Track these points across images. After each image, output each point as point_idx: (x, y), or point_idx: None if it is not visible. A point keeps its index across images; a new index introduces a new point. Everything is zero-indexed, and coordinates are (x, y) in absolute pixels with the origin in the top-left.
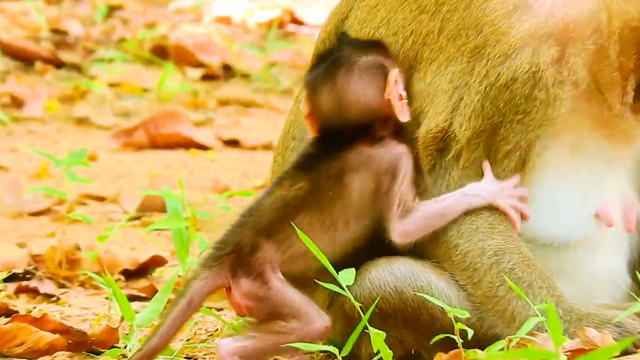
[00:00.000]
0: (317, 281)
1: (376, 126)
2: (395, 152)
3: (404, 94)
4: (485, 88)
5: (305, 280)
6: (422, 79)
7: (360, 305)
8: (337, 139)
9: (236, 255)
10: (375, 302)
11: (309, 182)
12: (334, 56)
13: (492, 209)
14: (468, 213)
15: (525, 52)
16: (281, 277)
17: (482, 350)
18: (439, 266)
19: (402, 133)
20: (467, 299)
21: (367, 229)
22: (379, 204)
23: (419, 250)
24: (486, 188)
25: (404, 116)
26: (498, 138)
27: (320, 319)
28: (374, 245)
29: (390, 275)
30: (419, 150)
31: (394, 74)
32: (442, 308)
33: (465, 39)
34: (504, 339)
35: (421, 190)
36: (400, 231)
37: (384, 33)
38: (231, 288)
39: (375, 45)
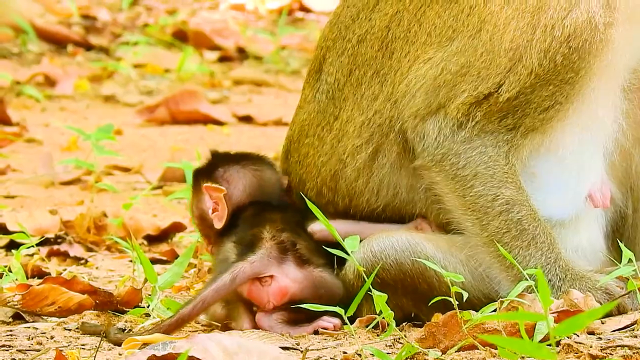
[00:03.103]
0: (325, 247)
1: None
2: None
3: None
4: (549, 45)
5: None
6: (476, 36)
7: (364, 270)
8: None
9: (280, 246)
10: (375, 272)
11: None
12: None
13: (509, 159)
14: (485, 159)
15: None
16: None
17: (477, 312)
18: (436, 239)
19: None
20: (462, 267)
21: None
22: None
23: (432, 187)
24: None
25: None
26: (545, 93)
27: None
28: None
29: (391, 248)
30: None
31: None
32: (438, 278)
33: None
34: (496, 300)
35: None
36: None
37: (418, 30)
38: (273, 276)
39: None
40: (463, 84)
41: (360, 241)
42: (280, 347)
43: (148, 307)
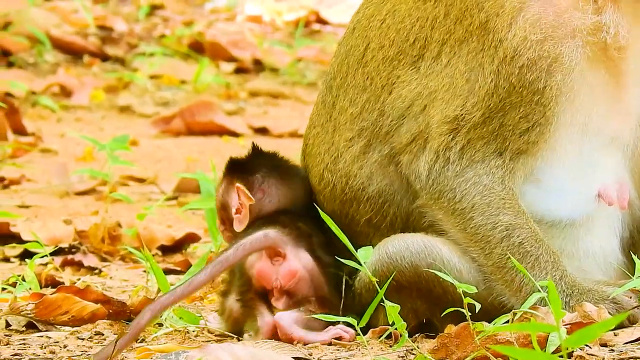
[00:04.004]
0: (338, 258)
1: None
2: None
3: None
4: (497, 66)
5: None
6: (437, 59)
7: (377, 280)
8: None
9: (297, 231)
10: (392, 277)
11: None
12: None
13: (505, 184)
14: (480, 188)
15: (523, 17)
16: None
17: (490, 322)
18: (451, 242)
19: None
20: (477, 271)
21: None
22: None
23: (436, 223)
24: None
25: None
26: (518, 115)
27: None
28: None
29: (406, 250)
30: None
31: None
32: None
33: (470, 19)
34: (510, 311)
35: None
36: None
37: (391, 22)
38: (285, 256)
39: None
40: (432, 108)
41: None
42: (293, 357)
43: (161, 317)
